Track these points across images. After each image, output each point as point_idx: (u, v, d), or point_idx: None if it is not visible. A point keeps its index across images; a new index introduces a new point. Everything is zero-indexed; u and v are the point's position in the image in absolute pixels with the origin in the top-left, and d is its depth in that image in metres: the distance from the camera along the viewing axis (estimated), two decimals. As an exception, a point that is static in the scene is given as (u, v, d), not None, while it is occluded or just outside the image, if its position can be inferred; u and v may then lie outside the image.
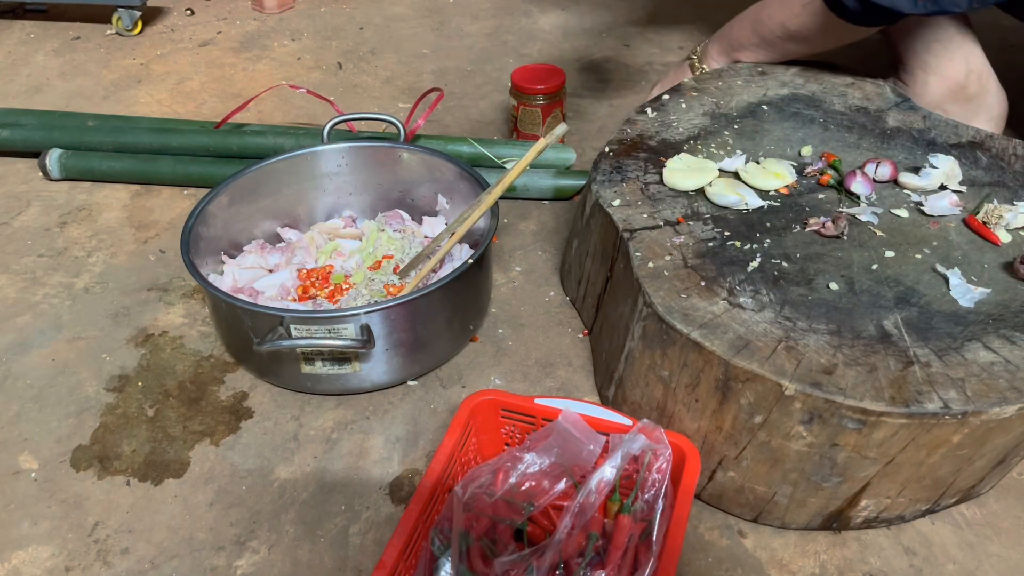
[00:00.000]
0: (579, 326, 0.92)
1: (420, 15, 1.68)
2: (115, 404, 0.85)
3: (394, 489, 0.76)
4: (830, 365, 0.62)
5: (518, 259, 1.02)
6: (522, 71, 1.14)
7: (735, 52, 1.04)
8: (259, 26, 1.65)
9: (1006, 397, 0.60)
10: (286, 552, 0.71)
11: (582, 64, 1.46)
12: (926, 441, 0.61)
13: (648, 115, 0.93)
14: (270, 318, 0.76)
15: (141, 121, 1.22)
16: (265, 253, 0.94)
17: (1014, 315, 0.67)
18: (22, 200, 1.16)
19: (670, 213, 0.78)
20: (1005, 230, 0.75)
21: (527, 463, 0.66)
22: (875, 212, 0.78)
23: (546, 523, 0.65)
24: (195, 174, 1.14)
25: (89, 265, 1.04)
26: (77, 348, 0.92)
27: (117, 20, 1.60)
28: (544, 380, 0.86)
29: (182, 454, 0.80)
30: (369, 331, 0.76)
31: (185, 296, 0.98)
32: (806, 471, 0.65)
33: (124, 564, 0.71)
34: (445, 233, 0.87)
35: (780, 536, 0.71)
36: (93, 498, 0.76)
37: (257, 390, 0.86)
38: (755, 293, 0.69)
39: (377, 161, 0.98)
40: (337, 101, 1.35)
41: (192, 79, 1.46)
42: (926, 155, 0.84)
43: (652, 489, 0.64)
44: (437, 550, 0.63)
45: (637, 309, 0.71)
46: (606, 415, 0.68)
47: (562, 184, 1.10)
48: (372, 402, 0.84)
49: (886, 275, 0.71)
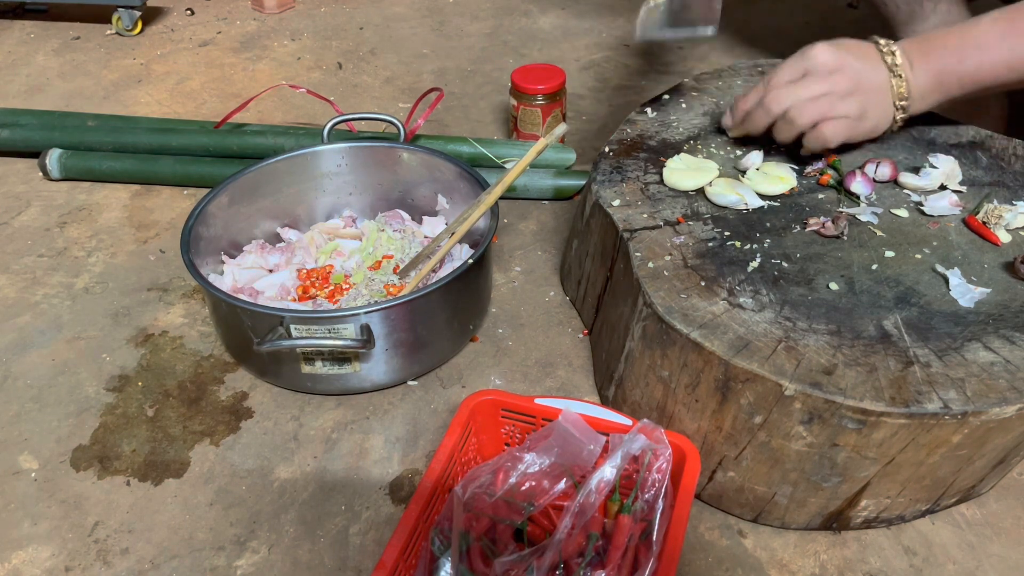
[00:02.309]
0: (579, 326, 0.92)
1: (420, 15, 1.68)
2: (115, 404, 0.85)
3: (394, 489, 0.76)
4: (830, 365, 0.62)
5: (518, 259, 1.02)
6: (522, 71, 1.14)
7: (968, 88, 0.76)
8: (259, 26, 1.65)
9: (1006, 397, 0.60)
10: (286, 552, 0.71)
11: (582, 64, 1.46)
12: (926, 441, 0.62)
13: (648, 115, 0.93)
14: (270, 318, 0.76)
15: (141, 121, 1.22)
16: (265, 253, 0.94)
17: (1014, 315, 0.67)
18: (22, 200, 1.16)
19: (670, 213, 0.78)
20: (1005, 230, 0.75)
21: (527, 463, 0.66)
22: (875, 212, 0.78)
23: (546, 523, 0.65)
24: (195, 174, 1.14)
25: (89, 265, 1.04)
26: (77, 348, 0.92)
27: (117, 20, 1.60)
28: (544, 380, 0.86)
29: (182, 454, 0.80)
30: (369, 331, 0.76)
31: (185, 296, 0.98)
32: (806, 471, 0.65)
33: (124, 564, 0.71)
34: (445, 233, 0.87)
35: (780, 536, 0.71)
36: (93, 498, 0.76)
37: (257, 390, 0.86)
38: (755, 293, 0.69)
39: (377, 161, 0.98)
40: (337, 101, 1.35)
41: (192, 79, 1.46)
42: (926, 155, 0.83)
43: (652, 489, 0.64)
44: (437, 550, 0.63)
45: (637, 309, 0.71)
46: (606, 415, 0.68)
47: (562, 184, 1.10)
48: (372, 402, 0.84)
49: (886, 275, 0.71)
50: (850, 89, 0.75)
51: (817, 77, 0.75)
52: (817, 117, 0.76)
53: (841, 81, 0.75)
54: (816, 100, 0.75)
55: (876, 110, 0.77)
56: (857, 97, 0.76)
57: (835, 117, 0.75)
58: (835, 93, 0.75)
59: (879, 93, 0.76)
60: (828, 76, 0.75)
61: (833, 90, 0.75)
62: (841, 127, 0.76)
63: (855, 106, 0.76)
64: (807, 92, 0.76)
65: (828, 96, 0.75)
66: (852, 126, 0.77)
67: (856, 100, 0.76)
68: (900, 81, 0.76)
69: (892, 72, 0.75)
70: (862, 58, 0.76)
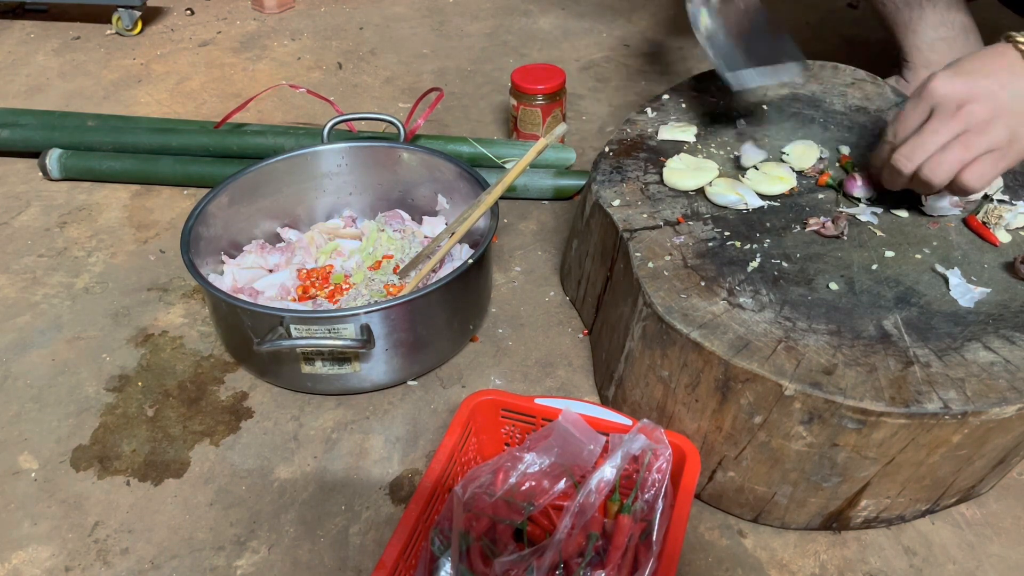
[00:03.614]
0: (579, 326, 0.92)
1: (420, 15, 1.68)
2: (115, 404, 0.85)
3: (394, 489, 0.76)
4: (830, 365, 0.62)
5: (518, 259, 1.02)
6: (522, 71, 1.14)
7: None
8: (259, 26, 1.65)
9: (1006, 397, 0.60)
10: (286, 552, 0.71)
11: (582, 64, 1.46)
12: (926, 441, 0.62)
13: (648, 115, 0.93)
14: (270, 318, 0.76)
15: (141, 121, 1.22)
16: (265, 253, 0.94)
17: (1014, 315, 0.67)
18: (22, 200, 1.16)
19: (670, 213, 0.78)
20: (1005, 230, 0.75)
21: (527, 463, 0.66)
22: (875, 212, 0.78)
23: (546, 523, 0.65)
24: (195, 174, 1.14)
25: (89, 265, 1.04)
26: (77, 348, 0.92)
27: (117, 20, 1.60)
28: (544, 380, 0.86)
29: (182, 454, 0.80)
30: (369, 331, 0.76)
31: (185, 296, 0.98)
32: (806, 471, 0.65)
33: (124, 564, 0.71)
34: (445, 233, 0.87)
35: (780, 536, 0.71)
36: (93, 498, 0.76)
37: (257, 390, 0.86)
38: (755, 293, 0.69)
39: (377, 161, 0.98)
40: (337, 101, 1.35)
41: (192, 79, 1.46)
42: None
43: (652, 489, 0.64)
44: (437, 550, 0.63)
45: (637, 309, 0.71)
46: (606, 415, 0.68)
47: (562, 184, 1.10)
48: (372, 402, 0.84)
49: (886, 275, 0.71)
50: (988, 117, 0.64)
51: (944, 116, 0.64)
52: (956, 167, 0.65)
53: (977, 111, 0.63)
54: (948, 148, 0.65)
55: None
56: (1002, 120, 0.64)
57: (978, 157, 0.64)
58: (971, 130, 0.64)
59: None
60: (957, 111, 0.64)
61: (968, 126, 0.64)
62: (987, 167, 0.65)
63: (1001, 134, 0.64)
64: (935, 140, 0.65)
65: (963, 137, 0.64)
66: (1001, 158, 0.65)
67: (1001, 125, 0.64)
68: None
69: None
70: (995, 70, 0.64)
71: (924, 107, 0.66)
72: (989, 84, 0.64)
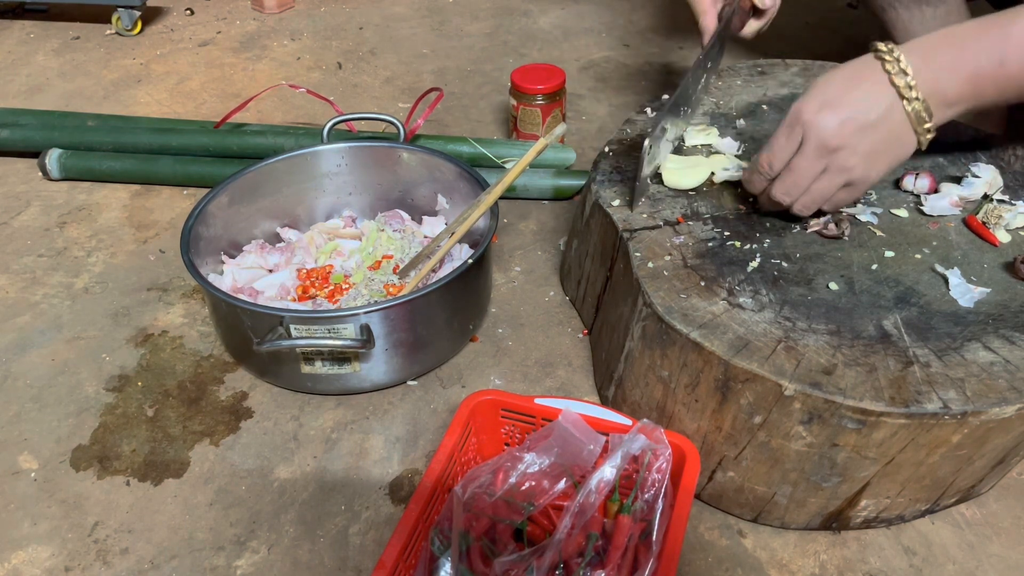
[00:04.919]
0: (579, 326, 0.92)
1: (420, 15, 1.68)
2: (115, 404, 0.85)
3: (394, 489, 0.76)
4: (830, 365, 0.62)
5: (518, 259, 1.02)
6: (522, 71, 1.14)
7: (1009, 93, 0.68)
8: (259, 26, 1.65)
9: (1006, 397, 0.60)
10: (286, 552, 0.71)
11: (582, 64, 1.46)
12: (926, 441, 0.62)
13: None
14: (270, 318, 0.76)
15: (141, 121, 1.22)
16: (265, 253, 0.94)
17: (1014, 315, 0.67)
18: (22, 200, 1.16)
19: (670, 213, 0.78)
20: (1005, 230, 0.75)
21: (527, 463, 0.66)
22: (875, 212, 0.78)
23: (546, 523, 0.65)
24: (195, 174, 1.14)
25: (89, 265, 1.04)
26: (77, 348, 0.92)
27: (117, 20, 1.60)
28: (544, 380, 0.86)
29: (182, 454, 0.80)
30: (369, 331, 0.76)
31: (185, 296, 0.98)
32: (806, 471, 0.65)
33: (124, 564, 0.71)
34: (445, 233, 0.87)
35: (780, 536, 0.71)
36: (93, 498, 0.76)
37: (257, 390, 0.86)
38: (755, 293, 0.69)
39: (377, 161, 0.98)
40: (337, 101, 1.35)
41: (192, 79, 1.46)
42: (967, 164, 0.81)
43: (652, 489, 0.64)
44: (437, 550, 0.63)
45: (637, 309, 0.71)
46: (606, 415, 0.68)
47: (562, 184, 1.10)
48: (372, 402, 0.84)
49: (886, 275, 0.71)
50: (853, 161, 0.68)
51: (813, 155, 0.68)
52: (820, 202, 0.72)
53: (843, 156, 0.67)
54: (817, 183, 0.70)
55: (892, 148, 0.69)
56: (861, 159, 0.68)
57: (846, 186, 0.70)
58: (834, 168, 0.68)
59: (891, 129, 0.68)
60: (826, 153, 0.67)
61: (833, 164, 0.68)
62: (842, 198, 0.72)
63: (858, 171, 0.69)
64: (807, 176, 0.69)
65: (827, 175, 0.69)
66: (855, 190, 0.71)
67: (860, 164, 0.68)
68: (915, 103, 0.66)
69: (902, 96, 0.66)
70: (860, 96, 0.67)
71: (795, 137, 0.69)
72: (854, 115, 0.66)
